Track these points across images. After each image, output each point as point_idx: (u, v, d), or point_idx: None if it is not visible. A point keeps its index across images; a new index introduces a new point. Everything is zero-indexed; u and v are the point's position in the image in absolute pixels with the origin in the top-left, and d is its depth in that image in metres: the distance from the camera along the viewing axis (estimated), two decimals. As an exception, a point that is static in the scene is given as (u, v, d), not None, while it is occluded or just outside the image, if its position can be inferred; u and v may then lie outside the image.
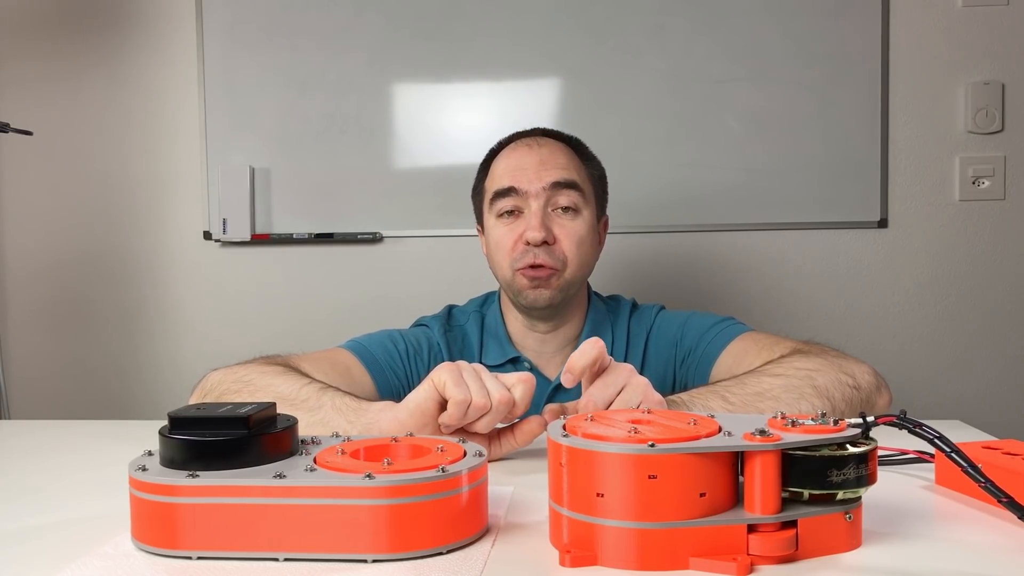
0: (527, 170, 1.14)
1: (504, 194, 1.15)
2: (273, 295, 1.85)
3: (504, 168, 1.17)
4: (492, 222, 1.18)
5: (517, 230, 1.14)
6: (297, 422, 0.59)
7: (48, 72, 1.88)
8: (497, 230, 1.17)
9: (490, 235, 1.18)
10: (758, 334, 1.08)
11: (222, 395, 0.89)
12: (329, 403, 0.82)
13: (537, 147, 1.17)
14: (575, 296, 1.19)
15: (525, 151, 1.17)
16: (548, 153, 1.17)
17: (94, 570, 0.51)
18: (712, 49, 1.74)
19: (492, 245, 1.18)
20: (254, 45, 1.82)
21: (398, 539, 0.50)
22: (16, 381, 1.89)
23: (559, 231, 1.14)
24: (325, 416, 0.81)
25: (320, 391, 0.85)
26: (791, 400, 0.83)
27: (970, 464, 0.55)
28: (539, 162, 1.15)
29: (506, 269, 1.16)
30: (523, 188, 1.14)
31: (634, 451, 0.48)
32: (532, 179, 1.14)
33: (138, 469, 0.54)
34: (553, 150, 1.17)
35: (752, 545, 0.49)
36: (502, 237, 1.16)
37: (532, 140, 1.19)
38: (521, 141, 1.20)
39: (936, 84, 1.72)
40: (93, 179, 1.89)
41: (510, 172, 1.16)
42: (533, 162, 1.15)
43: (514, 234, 1.14)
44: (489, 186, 1.19)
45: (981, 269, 1.74)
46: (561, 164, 1.16)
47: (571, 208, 1.15)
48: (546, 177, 1.13)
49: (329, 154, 1.82)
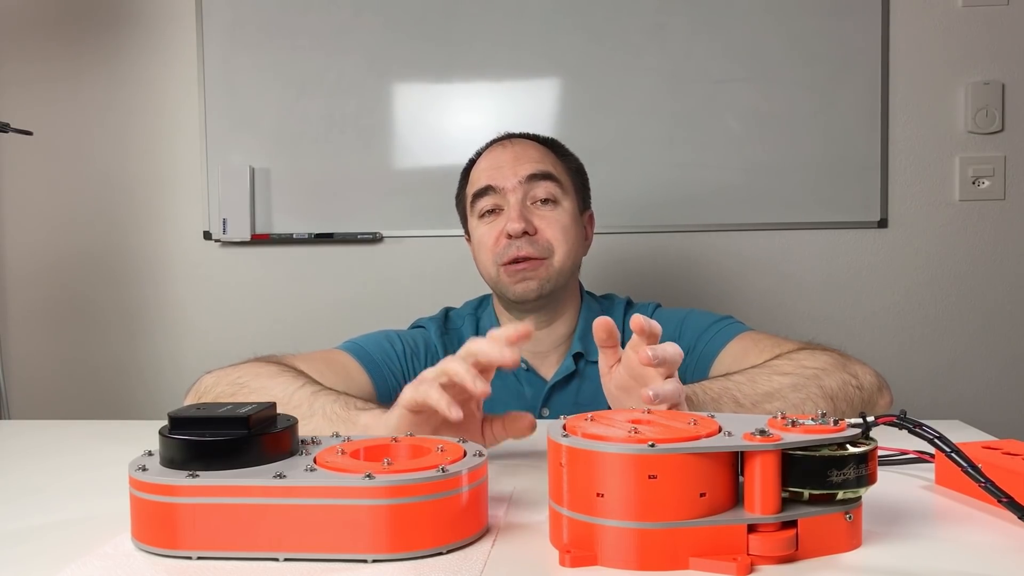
0: (503, 167, 1.17)
1: (483, 193, 1.17)
2: (273, 295, 1.85)
3: (481, 169, 1.20)
4: (475, 223, 1.20)
5: (498, 227, 1.16)
6: (297, 422, 0.59)
7: (48, 72, 1.88)
8: (479, 230, 1.18)
9: (474, 236, 1.20)
10: (758, 334, 1.08)
11: (216, 399, 0.89)
12: (320, 412, 0.82)
13: (511, 146, 1.20)
14: (566, 292, 1.19)
15: (499, 151, 1.20)
16: (521, 149, 1.19)
17: (94, 570, 0.51)
18: (712, 49, 1.74)
19: (476, 245, 1.20)
20: (254, 45, 1.82)
21: (398, 539, 0.50)
22: (16, 381, 1.89)
23: (540, 222, 1.15)
24: (316, 425, 0.81)
25: (313, 396, 0.84)
26: (798, 401, 0.84)
27: (970, 464, 0.55)
28: (513, 158, 1.17)
29: (490, 267, 1.17)
30: (500, 185, 1.16)
31: (634, 451, 0.48)
32: (508, 175, 1.16)
33: (138, 469, 0.54)
34: (526, 147, 1.20)
35: (752, 545, 0.49)
36: (484, 235, 1.17)
37: (506, 141, 1.22)
38: (495, 144, 1.23)
39: (936, 84, 1.72)
40: (93, 179, 1.89)
41: (487, 172, 1.18)
42: (507, 159, 1.17)
43: (495, 230, 1.16)
44: (469, 190, 1.21)
45: (981, 269, 1.74)
46: (535, 158, 1.18)
47: (550, 200, 1.16)
48: (520, 171, 1.15)
49: (329, 154, 1.82)
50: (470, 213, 1.21)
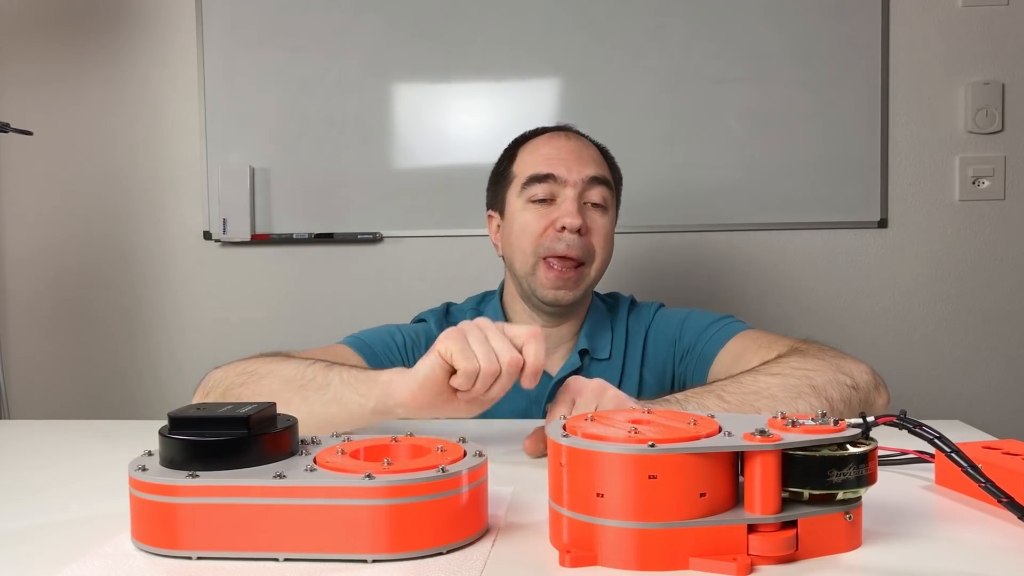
0: (566, 160, 1.14)
1: (541, 180, 1.14)
2: (273, 295, 1.85)
3: (542, 155, 1.16)
4: (520, 205, 1.16)
5: (549, 216, 1.13)
6: (297, 422, 0.59)
7: (48, 72, 1.88)
8: (526, 214, 1.15)
9: (515, 219, 1.16)
10: (756, 332, 1.08)
11: (227, 390, 0.88)
12: (337, 379, 0.80)
13: (573, 138, 1.18)
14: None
15: (563, 140, 1.17)
16: (583, 146, 1.18)
17: (94, 570, 0.51)
18: (712, 49, 1.74)
19: (517, 229, 1.16)
20: (254, 45, 1.82)
21: (398, 539, 0.50)
22: (16, 381, 1.89)
23: (591, 224, 1.14)
24: (336, 393, 0.79)
25: (326, 368, 0.82)
26: (788, 399, 0.83)
27: (970, 464, 0.55)
28: (576, 153, 1.15)
29: (529, 255, 1.14)
30: (562, 176, 1.13)
31: (634, 451, 0.48)
32: (572, 168, 1.13)
33: (138, 469, 0.54)
34: (587, 145, 1.19)
35: (752, 545, 0.49)
36: (530, 222, 1.14)
37: (566, 132, 1.20)
38: (555, 132, 1.20)
39: (936, 84, 1.72)
40: (93, 179, 1.89)
41: (548, 159, 1.15)
42: (570, 152, 1.15)
43: (545, 219, 1.13)
44: (520, 171, 1.17)
45: (981, 269, 1.74)
46: (596, 160, 1.17)
47: (601, 205, 1.15)
48: (585, 170, 1.14)
49: (329, 154, 1.82)
50: (516, 194, 1.17)
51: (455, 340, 0.71)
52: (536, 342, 0.72)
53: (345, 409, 0.78)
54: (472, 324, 0.73)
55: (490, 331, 0.72)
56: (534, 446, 0.79)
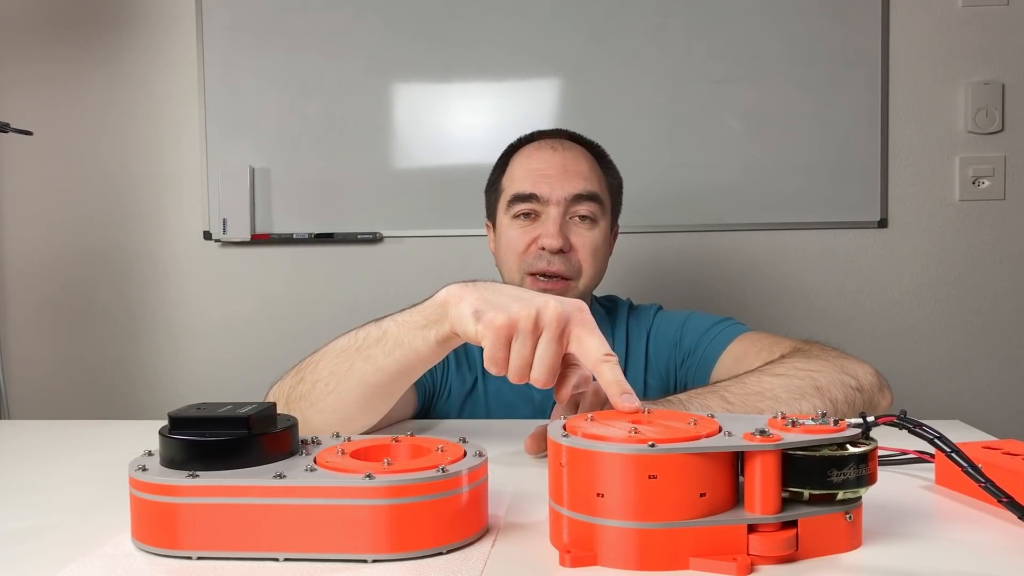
0: (550, 177, 1.12)
1: (524, 199, 1.13)
2: (273, 295, 1.85)
3: (526, 170, 1.15)
4: (506, 221, 1.16)
5: (532, 233, 1.13)
6: (297, 422, 0.59)
7: (48, 72, 1.88)
8: (511, 231, 1.15)
9: (502, 234, 1.17)
10: (757, 334, 1.08)
11: (289, 398, 0.82)
12: (391, 326, 0.74)
13: (561, 150, 1.15)
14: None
15: (549, 153, 1.15)
16: (572, 159, 1.15)
17: (94, 570, 0.51)
18: (712, 49, 1.74)
19: (504, 245, 1.16)
20: (254, 45, 1.82)
21: (398, 539, 0.50)
22: (16, 381, 1.89)
23: (576, 239, 1.12)
24: (398, 336, 0.73)
25: (375, 323, 0.78)
26: (791, 400, 0.83)
27: (970, 464, 0.55)
28: (562, 169, 1.13)
29: (514, 271, 1.14)
30: (544, 195, 1.12)
31: (634, 451, 0.48)
32: (555, 187, 1.12)
33: (138, 469, 0.54)
34: (576, 156, 1.16)
35: (752, 545, 0.49)
36: (515, 238, 1.14)
37: (556, 142, 1.17)
38: (544, 142, 1.18)
39: (936, 84, 1.72)
40: (93, 179, 1.89)
41: (532, 177, 1.14)
42: (556, 168, 1.13)
43: (528, 236, 1.13)
44: (507, 186, 1.17)
45: (981, 269, 1.74)
46: (584, 174, 1.14)
47: (589, 218, 1.14)
48: (568, 188, 1.12)
49: (329, 154, 1.82)
50: (502, 208, 1.17)
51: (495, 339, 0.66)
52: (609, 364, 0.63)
53: (411, 351, 0.73)
54: (536, 319, 0.65)
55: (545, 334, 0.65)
56: (535, 445, 0.78)
